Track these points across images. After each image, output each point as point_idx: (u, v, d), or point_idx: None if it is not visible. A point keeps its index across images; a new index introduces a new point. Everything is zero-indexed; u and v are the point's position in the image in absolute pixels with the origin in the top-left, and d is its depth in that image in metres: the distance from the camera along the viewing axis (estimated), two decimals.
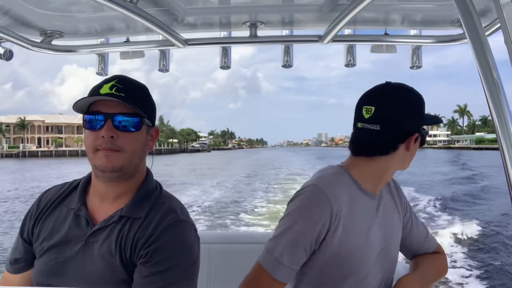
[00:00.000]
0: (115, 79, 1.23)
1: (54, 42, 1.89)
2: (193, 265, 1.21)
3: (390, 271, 1.47)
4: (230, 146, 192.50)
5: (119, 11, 1.43)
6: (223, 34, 1.94)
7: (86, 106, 1.23)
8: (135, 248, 1.19)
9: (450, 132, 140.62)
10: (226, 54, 2.01)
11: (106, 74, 2.07)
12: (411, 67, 2.01)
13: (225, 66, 2.02)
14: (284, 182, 24.49)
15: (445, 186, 22.19)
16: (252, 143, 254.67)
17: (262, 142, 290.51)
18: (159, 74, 2.09)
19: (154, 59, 2.08)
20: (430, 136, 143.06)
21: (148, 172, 1.35)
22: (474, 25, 0.92)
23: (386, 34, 1.88)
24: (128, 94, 1.21)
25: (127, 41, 1.96)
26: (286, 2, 1.67)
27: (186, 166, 45.68)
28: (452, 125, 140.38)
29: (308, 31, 1.98)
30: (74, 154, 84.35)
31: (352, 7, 1.47)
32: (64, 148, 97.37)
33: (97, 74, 2.06)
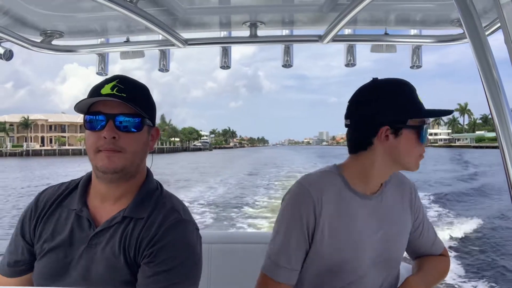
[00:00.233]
0: (116, 79, 1.22)
1: (54, 42, 1.89)
2: (196, 264, 1.22)
3: (393, 274, 1.43)
4: (231, 145, 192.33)
5: (119, 11, 1.43)
6: (223, 34, 1.94)
7: (87, 107, 1.22)
8: (139, 248, 1.19)
9: (451, 130, 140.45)
10: (226, 54, 2.01)
11: (106, 74, 2.07)
12: (411, 67, 2.01)
13: (225, 66, 2.02)
14: (285, 179, 25.22)
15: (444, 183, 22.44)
16: (253, 142, 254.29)
17: (263, 141, 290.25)
18: (160, 73, 2.09)
19: (155, 58, 2.07)
20: (431, 134, 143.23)
21: (148, 172, 1.35)
22: (474, 24, 0.92)
23: (386, 34, 1.88)
24: (129, 94, 1.20)
25: (127, 41, 1.96)
26: (286, 2, 1.67)
27: (188, 164, 46.76)
28: (452, 123, 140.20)
29: (308, 31, 1.98)
30: (77, 153, 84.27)
31: (352, 7, 1.47)
32: (67, 147, 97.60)
33: (97, 74, 2.06)
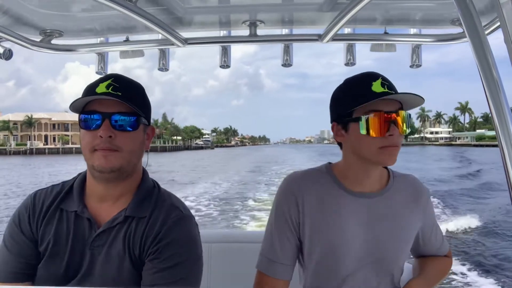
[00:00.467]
0: (111, 78, 1.22)
1: (53, 42, 1.89)
2: (199, 259, 1.24)
3: (392, 277, 1.39)
4: (233, 143, 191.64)
5: (119, 10, 1.43)
6: (223, 33, 1.94)
7: (82, 106, 1.21)
8: (144, 246, 1.20)
9: (451, 129, 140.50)
10: (226, 53, 2.00)
11: (106, 73, 2.06)
12: (411, 66, 2.00)
13: (224, 65, 2.02)
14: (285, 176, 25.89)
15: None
16: (254, 140, 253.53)
17: (264, 139, 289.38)
18: (162, 71, 2.09)
19: (157, 57, 2.07)
20: (432, 133, 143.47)
21: (144, 171, 1.35)
22: (474, 24, 0.92)
23: (385, 33, 1.88)
24: (124, 93, 1.19)
25: (127, 40, 1.95)
26: (286, 1, 1.66)
27: (193, 162, 48.43)
28: (453, 122, 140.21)
29: (307, 30, 1.97)
30: (80, 151, 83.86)
31: (351, 6, 1.47)
32: (70, 145, 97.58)
33: (96, 73, 2.05)
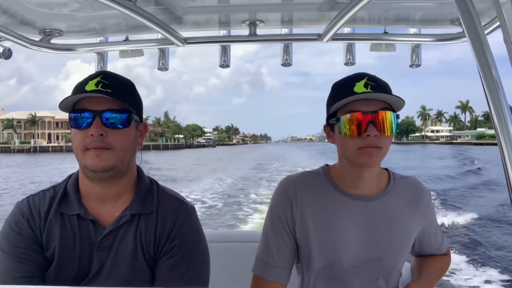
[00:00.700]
0: (100, 75, 1.20)
1: (53, 41, 1.88)
2: (206, 247, 1.30)
3: (390, 280, 1.38)
4: (234, 141, 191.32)
5: (119, 10, 1.42)
6: (223, 32, 1.93)
7: (72, 105, 1.18)
8: (159, 244, 1.21)
9: (452, 127, 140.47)
10: (225, 52, 2.00)
11: None
12: (411, 66, 2.01)
13: (224, 65, 2.02)
14: (287, 174, 26.66)
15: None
16: (256, 139, 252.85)
17: (266, 138, 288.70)
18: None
19: (158, 55, 2.07)
20: (433, 131, 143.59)
21: (138, 168, 1.34)
22: (474, 23, 0.92)
23: (385, 33, 1.88)
24: (114, 90, 1.17)
25: (126, 39, 1.95)
26: (286, 0, 1.66)
27: (195, 160, 50.18)
28: (454, 120, 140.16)
29: (307, 30, 1.98)
30: None
31: (351, 6, 1.47)
32: None
33: None
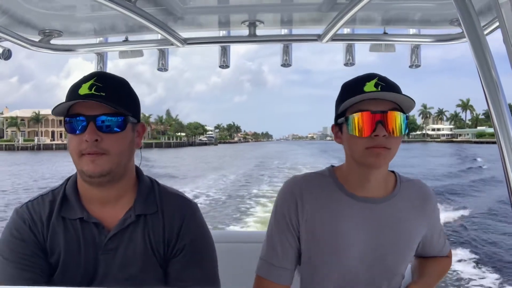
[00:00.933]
0: (94, 77, 1.17)
1: (53, 41, 1.88)
2: (212, 239, 1.33)
3: (393, 282, 1.37)
4: (236, 139, 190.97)
5: (118, 10, 1.42)
6: (222, 33, 1.94)
7: (66, 109, 1.16)
8: (169, 244, 1.22)
9: (453, 126, 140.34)
10: (225, 53, 2.00)
11: None
12: (410, 66, 2.01)
13: (224, 65, 2.01)
14: (288, 172, 28.08)
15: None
16: (257, 137, 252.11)
17: (267, 136, 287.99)
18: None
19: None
20: (434, 130, 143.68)
21: (137, 168, 1.33)
22: (473, 24, 0.92)
23: (385, 33, 1.88)
24: (109, 92, 1.15)
25: (126, 40, 1.95)
26: (285, 1, 1.67)
27: (198, 158, 51.89)
28: (455, 119, 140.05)
29: (307, 30, 1.98)
30: None
31: (351, 6, 1.47)
32: None
33: None
